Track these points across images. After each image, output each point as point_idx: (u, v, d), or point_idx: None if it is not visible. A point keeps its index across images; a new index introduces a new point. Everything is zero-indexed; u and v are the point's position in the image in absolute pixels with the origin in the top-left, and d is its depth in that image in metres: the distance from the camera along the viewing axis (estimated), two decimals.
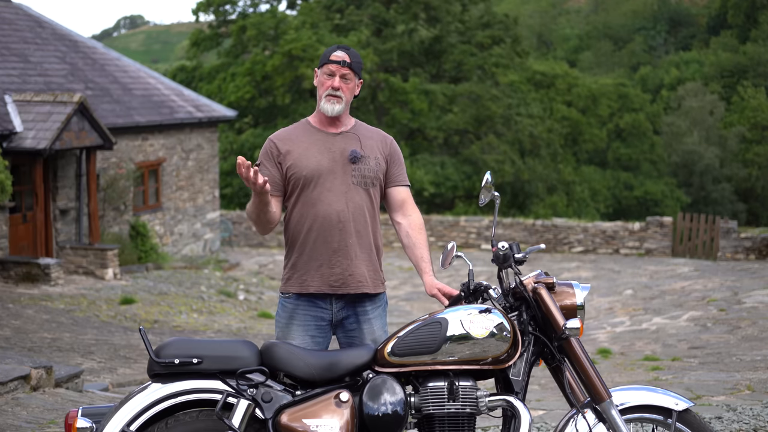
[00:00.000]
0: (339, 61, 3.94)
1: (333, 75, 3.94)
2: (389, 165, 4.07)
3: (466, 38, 35.08)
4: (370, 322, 4.02)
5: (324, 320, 3.99)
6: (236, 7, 36.52)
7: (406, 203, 4.10)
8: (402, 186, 4.11)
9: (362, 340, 4.00)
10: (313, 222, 3.93)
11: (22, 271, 14.69)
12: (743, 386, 7.23)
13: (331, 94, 3.94)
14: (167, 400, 3.46)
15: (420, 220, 4.11)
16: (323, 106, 3.97)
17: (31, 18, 19.94)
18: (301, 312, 3.98)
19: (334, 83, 3.94)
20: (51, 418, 6.16)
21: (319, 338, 3.98)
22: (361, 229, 3.98)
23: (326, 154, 3.96)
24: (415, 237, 4.06)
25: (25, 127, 15.42)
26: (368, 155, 3.99)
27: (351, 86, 3.98)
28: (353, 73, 3.97)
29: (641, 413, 3.69)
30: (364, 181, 3.98)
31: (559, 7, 69.93)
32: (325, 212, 3.92)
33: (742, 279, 15.28)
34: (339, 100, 3.95)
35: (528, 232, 22.79)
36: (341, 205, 3.93)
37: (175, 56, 75.48)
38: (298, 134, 4.03)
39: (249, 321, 13.90)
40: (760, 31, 51.93)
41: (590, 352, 9.75)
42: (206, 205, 21.71)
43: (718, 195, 41.37)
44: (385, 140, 4.10)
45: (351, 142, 4.00)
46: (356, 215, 3.96)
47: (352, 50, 4.00)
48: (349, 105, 4.02)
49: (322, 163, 3.94)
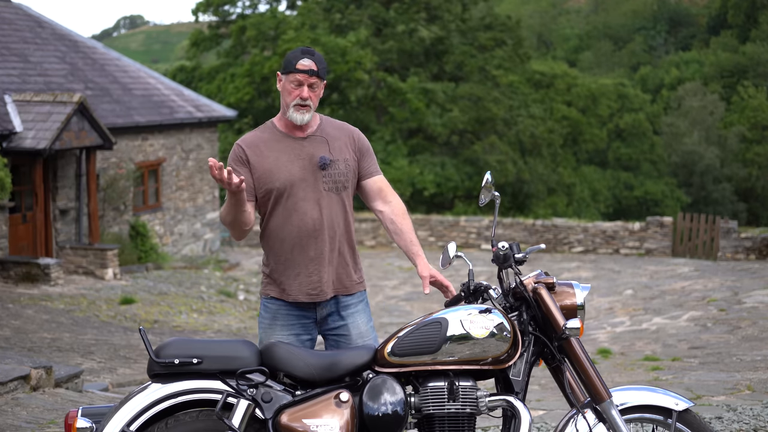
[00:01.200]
0: (306, 71, 3.89)
1: (301, 84, 3.90)
2: (360, 159, 4.05)
3: (467, 39, 35.08)
4: (354, 316, 4.02)
5: (308, 318, 4.00)
6: (236, 7, 36.53)
7: (384, 191, 4.08)
8: (377, 176, 4.09)
9: (348, 336, 4.00)
10: (288, 232, 3.93)
11: (22, 271, 14.69)
12: (743, 386, 7.23)
13: (299, 104, 3.91)
14: (167, 400, 3.46)
15: (401, 205, 4.09)
16: (292, 115, 3.92)
17: (31, 18, 19.94)
18: (284, 312, 3.99)
19: (303, 93, 3.90)
20: (51, 418, 6.16)
21: (304, 336, 3.99)
22: (335, 234, 3.97)
23: (296, 162, 3.93)
24: (399, 223, 4.04)
25: (25, 127, 15.42)
26: (337, 158, 3.97)
27: (318, 92, 3.96)
28: (320, 80, 3.93)
29: (641, 413, 3.69)
30: (336, 186, 3.96)
31: (559, 7, 69.92)
32: (300, 222, 3.91)
33: (742, 279, 15.28)
34: (308, 109, 3.92)
35: (528, 232, 22.79)
36: (315, 213, 3.92)
37: (175, 56, 75.49)
38: (266, 140, 3.98)
39: (249, 321, 13.90)
40: (760, 31, 51.92)
41: (590, 352, 9.74)
42: (206, 205, 21.72)
43: (718, 195, 41.37)
44: (351, 136, 4.06)
45: (319, 146, 3.97)
46: (330, 222, 3.95)
47: (317, 54, 3.94)
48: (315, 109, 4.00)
49: (293, 173, 3.91)
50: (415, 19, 34.81)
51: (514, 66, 36.10)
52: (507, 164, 32.67)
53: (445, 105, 33.21)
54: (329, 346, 4.04)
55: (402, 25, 34.80)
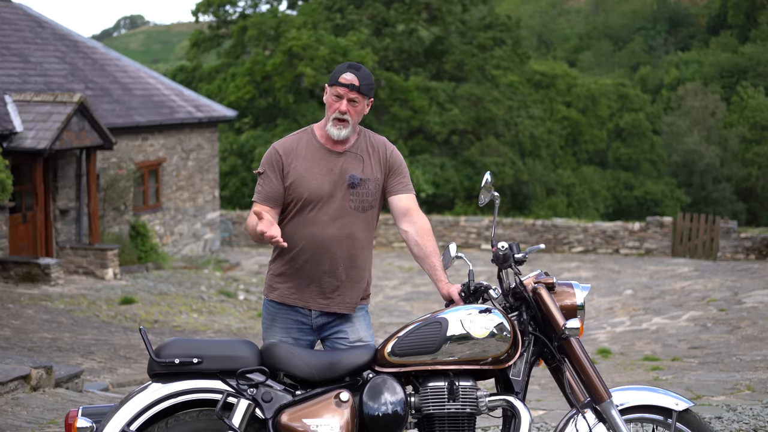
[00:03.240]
0: (348, 85, 3.87)
1: (341, 98, 3.88)
2: (389, 176, 4.02)
3: (467, 39, 35.08)
4: (353, 321, 4.01)
5: (305, 324, 3.99)
6: (236, 7, 36.54)
7: (411, 211, 4.02)
8: (405, 194, 4.04)
9: (347, 339, 3.97)
10: (306, 243, 3.92)
11: (22, 271, 14.69)
12: (743, 386, 7.23)
13: (338, 118, 3.89)
14: (167, 400, 3.47)
15: (427, 225, 4.03)
16: (330, 129, 3.91)
17: (31, 18, 19.94)
18: (282, 315, 4.00)
19: (341, 107, 3.88)
20: (51, 418, 6.16)
21: (302, 340, 3.99)
22: (353, 253, 3.95)
23: (327, 177, 3.92)
24: (425, 245, 3.98)
25: (25, 127, 15.42)
26: (368, 178, 3.95)
27: (359, 109, 3.91)
28: (362, 96, 3.90)
29: (641, 413, 3.69)
30: (362, 206, 3.96)
31: (559, 7, 69.90)
32: (318, 235, 3.90)
33: (742, 279, 15.28)
34: (346, 125, 3.90)
35: (528, 232, 22.79)
36: (335, 230, 3.90)
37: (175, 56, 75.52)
38: (303, 147, 3.97)
39: (249, 321, 13.90)
40: (759, 31, 51.90)
41: (590, 352, 9.75)
42: (206, 205, 21.72)
43: (718, 195, 41.36)
44: (384, 153, 4.03)
45: (353, 163, 3.95)
46: (349, 240, 3.93)
47: (363, 70, 3.91)
48: (357, 125, 3.97)
49: (323, 186, 3.90)
50: (415, 19, 34.82)
51: (514, 66, 36.07)
52: (506, 166, 32.66)
53: (445, 104, 33.20)
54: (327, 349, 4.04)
55: (402, 25, 34.80)
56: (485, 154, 33.05)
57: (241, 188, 31.51)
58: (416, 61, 35.16)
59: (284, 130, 30.27)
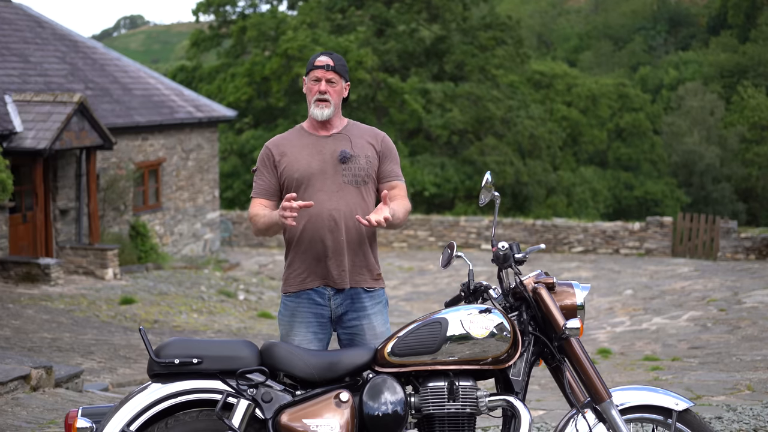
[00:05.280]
0: (323, 66, 4.04)
1: (319, 80, 4.05)
2: (381, 161, 4.11)
3: (468, 39, 35.07)
4: (370, 317, 4.05)
5: (324, 317, 4.04)
6: (236, 7, 36.54)
7: (398, 195, 4.10)
8: (395, 181, 4.13)
9: (363, 336, 4.02)
10: (306, 222, 3.99)
11: (22, 271, 14.69)
12: (743, 386, 7.23)
13: (319, 99, 4.04)
14: (167, 400, 3.47)
15: (408, 205, 4.11)
16: (313, 112, 4.06)
17: (31, 18, 19.94)
18: (302, 309, 4.04)
19: (321, 87, 4.03)
20: (51, 418, 6.16)
21: (321, 335, 4.05)
22: (354, 225, 4.01)
23: (317, 156, 4.04)
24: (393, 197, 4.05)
25: (25, 127, 15.42)
26: (358, 154, 4.05)
27: (338, 89, 4.07)
28: (339, 76, 4.07)
29: (641, 413, 3.69)
30: (355, 180, 4.03)
31: (559, 7, 69.90)
32: (317, 212, 3.97)
33: (742, 279, 15.28)
34: (327, 104, 4.05)
35: (528, 232, 22.79)
36: (333, 204, 3.99)
37: (175, 56, 75.50)
38: (292, 139, 4.13)
39: (249, 321, 13.90)
40: (759, 31, 51.89)
41: (590, 352, 9.75)
42: (206, 205, 21.72)
43: (718, 195, 41.36)
44: (376, 137, 4.15)
45: (341, 142, 4.07)
46: (349, 212, 4.00)
47: (335, 54, 4.12)
48: (339, 108, 4.11)
49: (312, 165, 4.02)
50: (416, 19, 34.82)
51: (514, 66, 36.08)
52: (506, 166, 32.66)
53: (445, 104, 33.19)
54: (343, 345, 4.07)
55: (403, 25, 34.80)
56: (485, 154, 33.05)
57: (246, 190, 31.54)
58: (417, 61, 35.16)
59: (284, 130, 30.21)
